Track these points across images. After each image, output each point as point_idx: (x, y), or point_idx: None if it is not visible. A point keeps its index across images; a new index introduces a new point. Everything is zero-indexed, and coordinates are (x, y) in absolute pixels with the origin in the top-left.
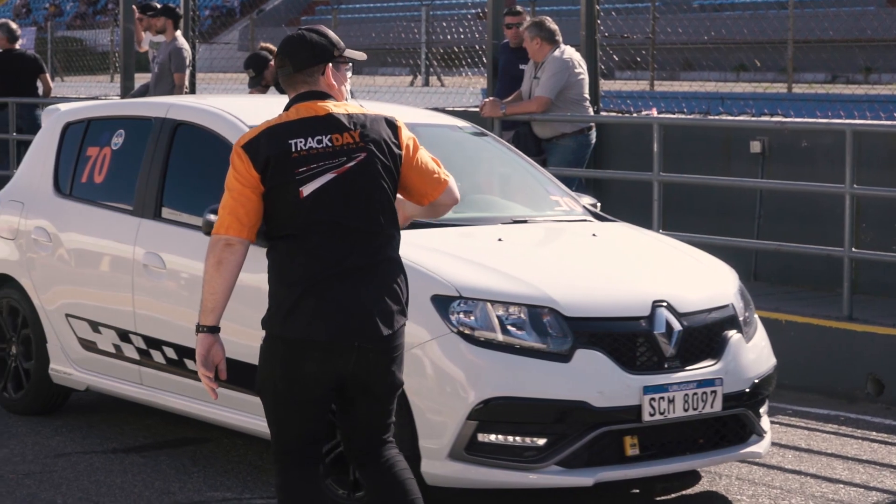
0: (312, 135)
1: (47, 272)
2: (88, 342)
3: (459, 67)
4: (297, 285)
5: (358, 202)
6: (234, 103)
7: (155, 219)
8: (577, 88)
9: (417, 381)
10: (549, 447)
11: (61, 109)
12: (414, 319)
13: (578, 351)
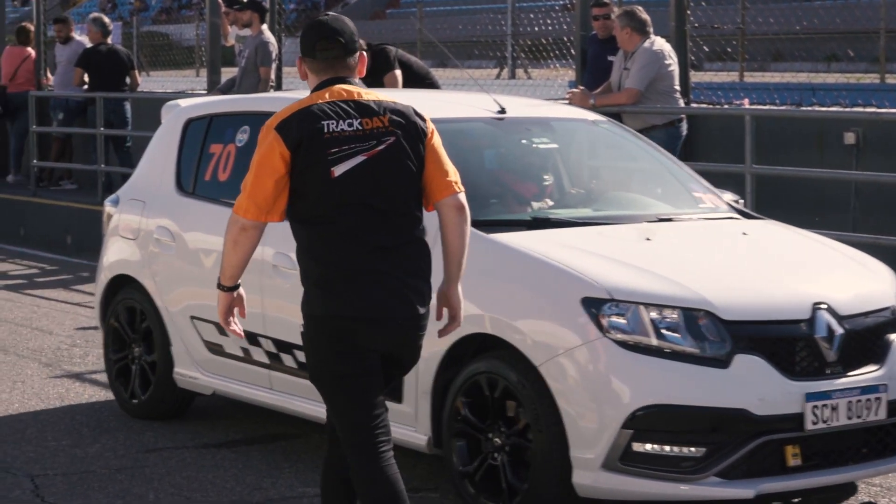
0: (343, 118)
1: (170, 273)
2: (215, 345)
3: (546, 59)
4: (334, 265)
5: (387, 185)
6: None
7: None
8: (668, 80)
9: (568, 387)
10: (708, 457)
11: (181, 105)
12: (563, 323)
13: (737, 356)
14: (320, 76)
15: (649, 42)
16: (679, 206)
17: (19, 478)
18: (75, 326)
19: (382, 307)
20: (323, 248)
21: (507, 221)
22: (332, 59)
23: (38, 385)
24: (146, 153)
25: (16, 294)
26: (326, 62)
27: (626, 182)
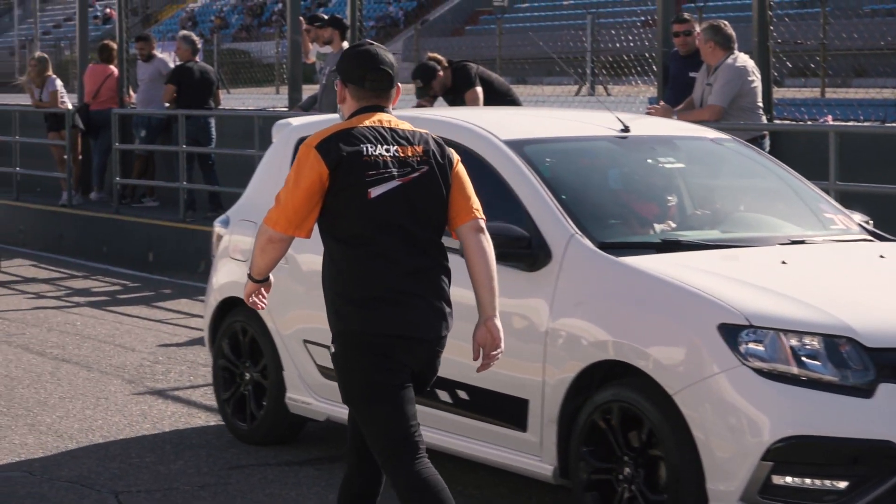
0: (382, 143)
1: (283, 296)
2: (329, 370)
3: (627, 76)
4: (372, 285)
5: (420, 210)
6: (482, 117)
7: None
8: (751, 96)
9: (704, 417)
10: (851, 491)
11: (293, 124)
12: (699, 350)
13: (881, 385)
14: (361, 103)
15: (732, 58)
16: (810, 228)
17: (103, 494)
18: (158, 343)
19: (417, 327)
20: (361, 268)
21: (634, 244)
22: (380, 90)
23: (121, 402)
24: (257, 173)
25: (99, 311)
26: (373, 92)
27: (753, 202)
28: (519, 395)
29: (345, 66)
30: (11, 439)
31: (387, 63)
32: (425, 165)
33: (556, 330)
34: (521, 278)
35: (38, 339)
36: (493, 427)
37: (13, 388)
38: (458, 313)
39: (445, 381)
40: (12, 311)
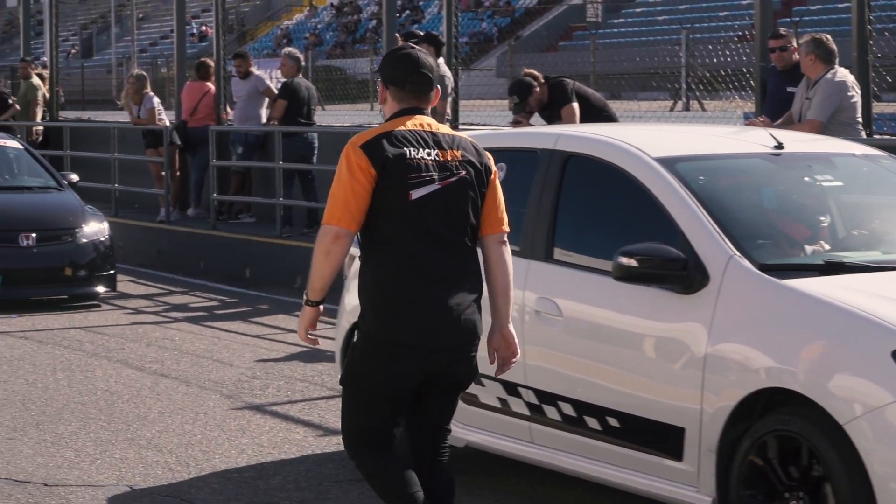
0: (423, 146)
1: None
2: (469, 395)
3: (724, 91)
4: (398, 291)
5: (454, 215)
6: (630, 133)
7: (546, 261)
8: (850, 112)
9: (879, 448)
10: None
11: None
12: (871, 378)
13: None
14: (401, 105)
15: (832, 73)
16: None
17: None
18: (255, 358)
19: (433, 336)
20: (389, 273)
21: (796, 265)
22: (420, 92)
23: (219, 416)
24: None
25: (197, 326)
26: (414, 94)
27: None
28: (675, 423)
29: (387, 68)
30: (112, 454)
31: (427, 67)
32: (463, 170)
33: (715, 355)
34: (676, 301)
35: (137, 354)
36: (645, 456)
37: (113, 403)
38: (595, 334)
39: (595, 407)
40: (112, 327)
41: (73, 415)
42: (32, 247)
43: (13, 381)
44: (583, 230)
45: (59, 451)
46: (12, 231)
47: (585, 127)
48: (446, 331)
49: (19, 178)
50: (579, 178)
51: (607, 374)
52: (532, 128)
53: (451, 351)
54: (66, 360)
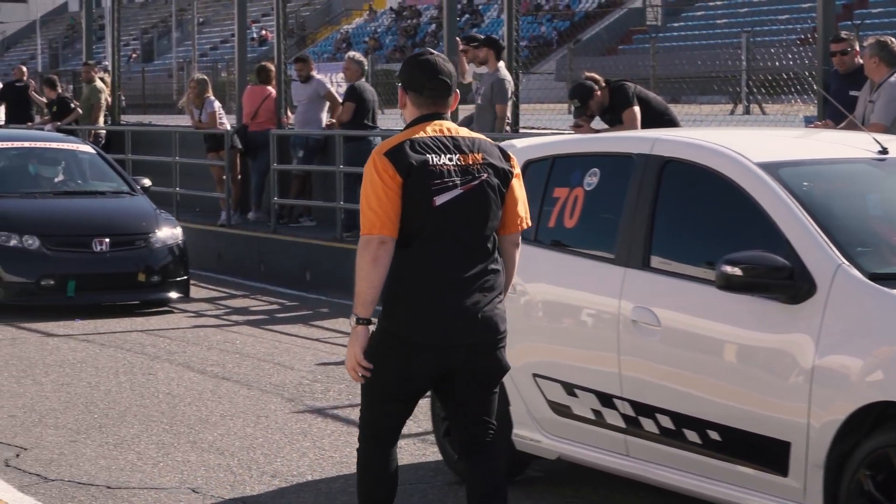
0: (444, 152)
1: (511, 327)
2: (561, 406)
3: (786, 94)
4: (417, 292)
5: (476, 218)
6: (729, 138)
7: (643, 268)
8: None
9: None
10: None
11: (517, 146)
12: None
13: None
14: (421, 110)
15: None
16: None
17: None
18: (316, 362)
19: (449, 334)
20: (408, 274)
21: None
22: (438, 98)
23: (281, 420)
24: None
25: (258, 329)
26: (432, 98)
27: None
28: (780, 437)
29: (406, 73)
30: (174, 457)
31: (445, 73)
32: (485, 173)
33: (823, 368)
34: (780, 311)
35: (198, 357)
36: (748, 470)
37: (175, 406)
38: (696, 344)
39: (695, 420)
40: (173, 330)
41: (136, 417)
42: (105, 252)
43: (76, 383)
44: (681, 237)
45: (121, 453)
46: (85, 236)
47: (682, 131)
48: (462, 329)
49: (92, 183)
50: (677, 183)
51: (708, 385)
52: (626, 132)
53: (467, 348)
54: (128, 363)
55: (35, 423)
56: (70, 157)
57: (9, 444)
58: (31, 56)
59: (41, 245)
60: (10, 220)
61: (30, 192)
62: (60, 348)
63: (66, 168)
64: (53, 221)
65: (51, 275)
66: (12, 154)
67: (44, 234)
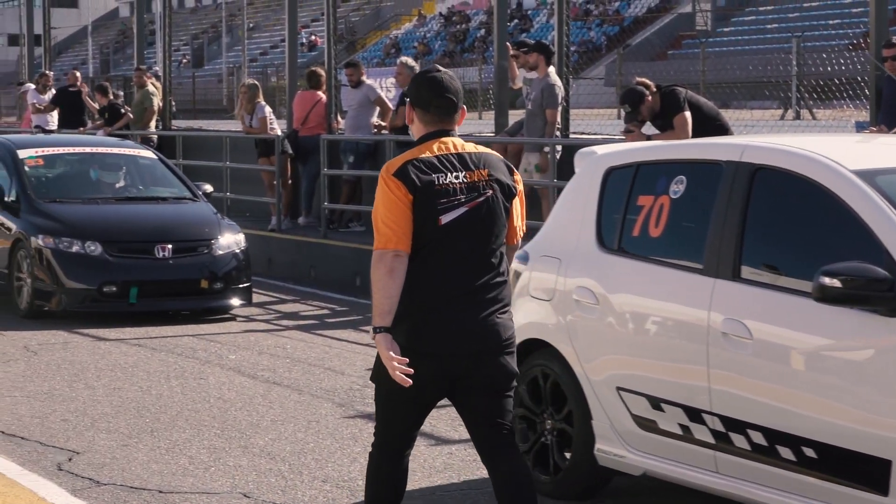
0: (451, 171)
1: (593, 338)
2: (646, 421)
3: (839, 100)
4: (423, 303)
5: (482, 233)
6: (822, 144)
7: (734, 279)
8: None
9: None
10: None
11: (598, 153)
12: None
13: None
14: (428, 127)
15: None
16: None
17: None
18: (367, 367)
19: (453, 344)
20: (414, 286)
21: None
22: (443, 114)
23: (332, 425)
24: (558, 204)
25: (308, 335)
26: (438, 116)
27: None
28: (880, 455)
29: (413, 91)
30: (226, 461)
31: (451, 90)
32: (490, 189)
33: None
34: (879, 324)
35: (249, 362)
36: (845, 489)
37: (226, 411)
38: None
39: (789, 436)
40: (224, 335)
41: (187, 422)
42: (168, 258)
43: (128, 388)
44: (774, 247)
45: (173, 458)
46: (148, 242)
47: (773, 137)
48: (464, 339)
49: (153, 189)
50: (768, 191)
51: (803, 401)
52: (714, 138)
53: (472, 356)
54: (179, 367)
55: (87, 428)
56: (131, 163)
57: (61, 448)
58: (83, 61)
59: (103, 251)
60: (72, 226)
61: (92, 197)
62: (112, 352)
63: (128, 173)
64: (116, 227)
65: (113, 281)
66: (74, 160)
67: (106, 241)
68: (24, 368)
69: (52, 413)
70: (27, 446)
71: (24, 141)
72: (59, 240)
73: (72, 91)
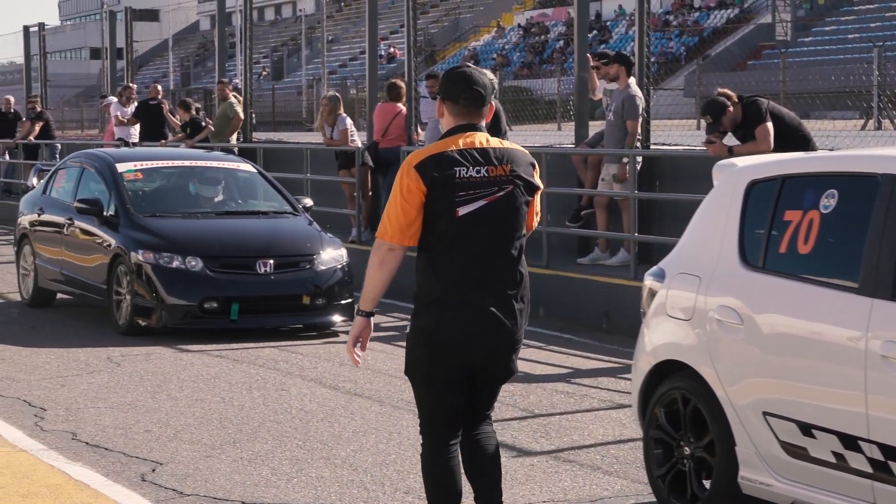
0: (473, 165)
1: (737, 360)
2: (796, 447)
3: None
4: (443, 292)
5: (500, 226)
6: None
7: (893, 299)
8: None
9: None
10: None
11: (738, 166)
12: None
13: None
14: (457, 120)
15: None
16: None
17: None
18: None
19: (476, 334)
20: (438, 275)
21: None
22: (471, 107)
23: (413, 437)
24: (695, 220)
25: (389, 345)
26: (466, 108)
27: None
28: None
29: (444, 84)
30: (308, 472)
31: (480, 84)
32: (510, 185)
33: None
34: None
35: (330, 373)
36: None
37: (308, 422)
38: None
39: None
40: (305, 346)
41: (269, 433)
42: (270, 274)
43: (210, 399)
44: None
45: (255, 469)
46: (249, 257)
47: None
48: (484, 328)
49: (252, 202)
50: None
51: None
52: (868, 150)
53: (487, 350)
54: (261, 378)
55: (170, 438)
56: (230, 176)
57: (145, 458)
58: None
59: (204, 266)
60: (172, 241)
61: (191, 212)
62: (194, 364)
63: (226, 187)
64: (216, 242)
65: (214, 297)
66: (173, 173)
67: (207, 256)
68: (108, 379)
69: (135, 424)
70: (111, 457)
71: (122, 154)
72: (160, 255)
73: (152, 104)
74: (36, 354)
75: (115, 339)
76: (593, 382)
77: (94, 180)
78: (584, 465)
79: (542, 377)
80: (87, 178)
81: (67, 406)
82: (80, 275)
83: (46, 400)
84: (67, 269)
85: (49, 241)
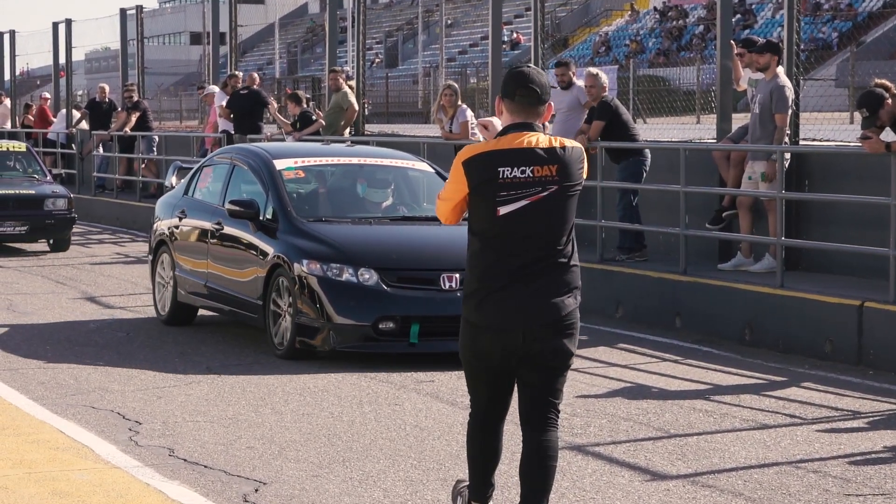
0: (518, 165)
1: None
2: None
3: None
4: (486, 282)
5: (543, 223)
6: None
7: None
8: None
9: None
10: None
11: None
12: None
13: None
14: (513, 117)
15: None
16: None
17: None
18: (575, 394)
19: (508, 320)
20: (479, 262)
21: None
22: (527, 105)
23: None
24: None
25: None
26: (521, 106)
27: None
28: None
29: (503, 82)
30: (423, 494)
31: (536, 83)
32: (554, 185)
33: None
34: None
35: (447, 386)
36: None
37: (423, 440)
38: None
39: None
40: (420, 357)
41: (381, 451)
42: (456, 290)
43: (318, 413)
44: None
45: (366, 490)
46: (432, 270)
47: None
48: (520, 316)
49: (428, 206)
50: None
51: None
52: None
53: (525, 333)
54: (372, 392)
55: (275, 456)
56: (401, 176)
57: (247, 477)
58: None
59: (379, 280)
60: (342, 251)
61: (362, 217)
62: (300, 375)
63: (397, 189)
64: (393, 252)
65: (391, 316)
66: (339, 172)
67: (382, 268)
68: (207, 391)
69: (237, 440)
70: (211, 475)
71: (280, 150)
72: (328, 266)
73: (243, 94)
74: (130, 362)
75: (214, 346)
76: (735, 400)
77: (248, 179)
78: (724, 491)
79: (678, 394)
80: (239, 176)
81: (164, 419)
82: (231, 289)
83: (142, 413)
84: (214, 281)
85: (192, 251)
